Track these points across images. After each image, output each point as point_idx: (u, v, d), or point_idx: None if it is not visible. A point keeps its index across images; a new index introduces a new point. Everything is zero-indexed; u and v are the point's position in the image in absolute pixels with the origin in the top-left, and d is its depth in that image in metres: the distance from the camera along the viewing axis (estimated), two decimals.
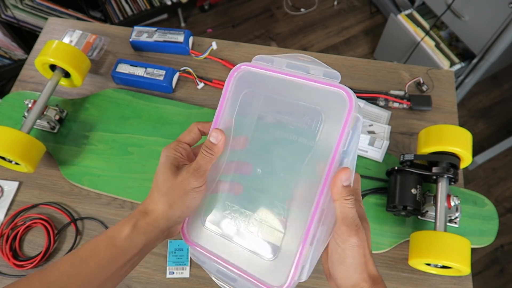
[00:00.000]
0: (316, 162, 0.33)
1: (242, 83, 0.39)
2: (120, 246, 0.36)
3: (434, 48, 1.48)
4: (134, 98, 0.79)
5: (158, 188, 0.38)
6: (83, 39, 0.85)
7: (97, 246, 0.36)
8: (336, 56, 0.86)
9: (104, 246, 0.36)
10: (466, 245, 0.58)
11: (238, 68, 0.40)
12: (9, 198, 0.71)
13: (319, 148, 0.33)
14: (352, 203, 0.32)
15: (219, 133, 0.37)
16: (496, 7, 1.24)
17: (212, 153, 0.37)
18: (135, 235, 0.37)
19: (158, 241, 0.39)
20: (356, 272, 0.33)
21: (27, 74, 0.84)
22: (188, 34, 0.84)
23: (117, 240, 0.36)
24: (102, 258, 0.36)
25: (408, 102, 0.78)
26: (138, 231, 0.37)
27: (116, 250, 0.36)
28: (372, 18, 2.02)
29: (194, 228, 0.40)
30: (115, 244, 0.36)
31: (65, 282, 0.34)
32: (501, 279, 1.42)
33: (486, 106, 1.75)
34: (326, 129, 0.33)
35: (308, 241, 0.32)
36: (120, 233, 0.37)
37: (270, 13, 2.05)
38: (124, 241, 0.36)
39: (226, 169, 0.39)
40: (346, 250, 0.33)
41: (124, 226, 0.37)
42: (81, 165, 0.73)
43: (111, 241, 0.36)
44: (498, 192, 1.56)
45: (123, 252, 0.36)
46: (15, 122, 0.76)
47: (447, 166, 0.64)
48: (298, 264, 0.33)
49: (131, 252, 0.37)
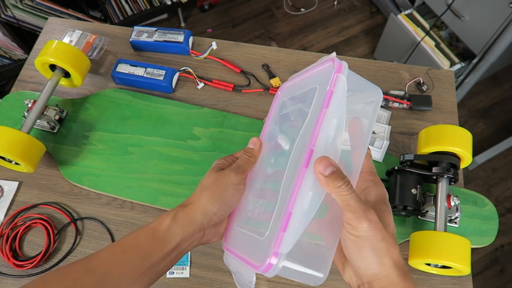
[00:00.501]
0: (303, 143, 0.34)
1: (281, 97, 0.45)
2: (159, 238, 0.38)
3: (434, 48, 1.48)
4: (134, 98, 0.79)
5: (201, 185, 0.41)
6: (83, 39, 0.85)
7: (138, 237, 0.38)
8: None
9: (144, 237, 0.38)
10: (466, 245, 0.58)
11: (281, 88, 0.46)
12: (9, 198, 0.71)
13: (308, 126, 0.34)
14: (347, 189, 0.30)
15: (256, 140, 0.43)
16: (496, 7, 1.24)
17: (250, 156, 0.42)
18: (174, 226, 0.38)
19: (194, 240, 0.39)
20: (377, 259, 0.31)
21: (27, 74, 0.84)
22: (188, 34, 0.84)
23: (157, 232, 0.38)
24: (143, 249, 0.37)
25: (408, 102, 0.78)
26: (176, 223, 0.38)
27: (156, 242, 0.37)
28: (372, 18, 2.02)
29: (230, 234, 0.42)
30: (155, 236, 0.38)
31: (107, 269, 0.36)
32: (501, 279, 1.42)
33: (486, 106, 1.75)
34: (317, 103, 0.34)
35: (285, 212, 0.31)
36: (160, 225, 0.38)
37: (270, 13, 2.05)
38: (164, 233, 0.38)
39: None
40: (360, 238, 0.31)
41: (165, 218, 0.39)
42: (81, 165, 0.73)
43: (152, 232, 0.38)
44: (498, 192, 1.56)
45: (163, 244, 0.37)
46: (15, 122, 0.76)
47: (447, 166, 0.64)
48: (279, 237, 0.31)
49: (170, 245, 0.38)
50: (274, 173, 0.39)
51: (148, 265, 0.37)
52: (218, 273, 0.66)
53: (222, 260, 0.66)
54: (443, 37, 1.54)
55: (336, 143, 0.33)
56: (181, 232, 0.38)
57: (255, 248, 0.35)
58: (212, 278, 0.65)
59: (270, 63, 0.85)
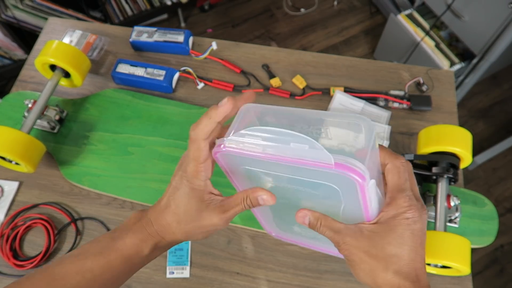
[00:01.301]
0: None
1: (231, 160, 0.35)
2: (136, 264, 0.37)
3: (434, 48, 1.48)
4: (134, 98, 0.79)
5: (180, 221, 0.36)
6: (83, 39, 0.85)
7: (109, 263, 0.36)
8: (336, 56, 0.86)
9: (118, 263, 0.36)
10: (466, 245, 0.58)
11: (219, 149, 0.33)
12: (9, 198, 0.71)
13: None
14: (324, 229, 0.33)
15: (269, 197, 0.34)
16: (496, 7, 1.24)
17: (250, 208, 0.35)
18: (154, 254, 0.38)
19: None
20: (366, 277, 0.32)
21: (27, 74, 0.84)
22: (188, 34, 0.84)
23: (134, 259, 0.37)
24: (116, 273, 0.36)
25: (408, 102, 0.78)
26: (157, 251, 0.38)
27: (132, 266, 0.37)
28: (372, 18, 2.02)
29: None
30: (132, 262, 0.37)
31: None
32: (501, 279, 1.42)
33: (486, 106, 1.75)
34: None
35: None
36: (137, 253, 0.37)
37: (270, 13, 2.05)
38: (142, 259, 0.37)
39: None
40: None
41: (143, 247, 0.37)
42: (81, 165, 0.73)
43: (128, 260, 0.36)
44: (498, 192, 1.56)
45: (139, 266, 0.38)
46: (15, 122, 0.76)
47: (447, 166, 0.64)
48: None
49: (145, 264, 0.38)
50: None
51: (122, 282, 0.38)
52: (218, 273, 0.66)
53: (222, 260, 0.67)
54: (443, 37, 1.54)
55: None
56: (160, 253, 0.39)
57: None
58: (212, 278, 0.65)
59: (270, 63, 0.85)
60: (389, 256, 0.30)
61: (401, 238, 0.30)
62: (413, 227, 0.30)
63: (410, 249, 0.30)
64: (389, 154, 0.33)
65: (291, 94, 0.81)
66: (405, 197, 0.31)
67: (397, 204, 0.31)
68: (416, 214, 0.30)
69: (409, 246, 0.30)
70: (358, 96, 0.79)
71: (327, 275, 0.65)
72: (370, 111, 0.78)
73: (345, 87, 0.81)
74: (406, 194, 0.31)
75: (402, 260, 0.30)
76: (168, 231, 0.37)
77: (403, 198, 0.31)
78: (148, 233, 0.37)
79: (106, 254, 0.36)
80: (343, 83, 0.83)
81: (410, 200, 0.31)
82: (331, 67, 0.85)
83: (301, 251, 0.67)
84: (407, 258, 0.30)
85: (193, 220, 0.36)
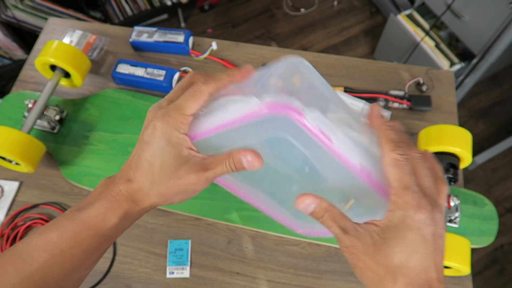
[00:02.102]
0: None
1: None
2: (106, 235, 0.33)
3: (434, 48, 1.48)
4: (134, 98, 0.79)
5: (154, 180, 0.32)
6: (83, 39, 0.85)
7: (76, 237, 0.32)
8: (336, 56, 0.86)
9: (86, 235, 0.33)
10: (466, 245, 0.58)
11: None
12: (9, 198, 0.71)
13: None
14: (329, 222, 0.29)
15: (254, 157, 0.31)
16: (496, 7, 1.24)
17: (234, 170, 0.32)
18: (124, 223, 0.34)
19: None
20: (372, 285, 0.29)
21: (27, 74, 0.84)
22: (188, 34, 0.84)
23: (102, 230, 0.33)
24: (86, 248, 0.33)
25: (408, 102, 0.78)
26: (127, 219, 0.34)
27: (101, 239, 0.33)
28: (372, 18, 2.02)
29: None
30: (100, 234, 0.33)
31: (46, 273, 0.31)
32: (501, 279, 1.42)
33: (486, 106, 1.75)
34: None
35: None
36: (106, 222, 0.33)
37: (270, 13, 2.05)
38: (111, 230, 0.33)
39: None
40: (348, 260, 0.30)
41: (112, 215, 0.33)
42: (81, 165, 0.73)
43: (95, 231, 0.33)
44: (498, 192, 1.56)
45: (109, 239, 0.34)
46: (15, 122, 0.76)
47: (447, 166, 0.64)
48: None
49: (117, 236, 0.35)
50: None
51: (95, 259, 0.34)
52: (218, 273, 0.66)
53: (222, 260, 0.67)
54: (443, 37, 1.54)
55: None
56: (131, 223, 0.35)
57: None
58: (212, 278, 0.65)
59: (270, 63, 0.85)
60: (399, 266, 0.27)
61: (412, 245, 0.27)
62: (425, 232, 0.27)
63: (423, 258, 0.27)
64: (385, 142, 0.29)
65: None
66: (411, 195, 0.27)
67: (403, 203, 0.27)
68: (426, 215, 0.27)
69: (421, 254, 0.27)
70: (358, 96, 0.79)
71: (327, 275, 0.65)
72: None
73: (345, 87, 0.81)
74: (411, 190, 0.27)
75: (413, 271, 0.27)
76: (140, 194, 0.33)
77: (409, 196, 0.27)
78: (116, 200, 0.33)
79: (71, 227, 0.33)
80: (343, 83, 0.83)
81: (418, 198, 0.27)
82: (331, 67, 0.85)
83: (301, 251, 0.67)
84: (419, 268, 0.27)
85: (170, 177, 0.32)
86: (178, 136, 0.32)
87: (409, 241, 0.27)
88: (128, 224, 0.35)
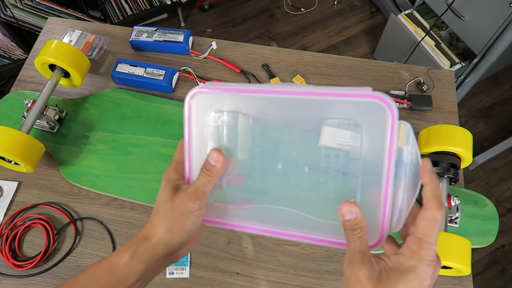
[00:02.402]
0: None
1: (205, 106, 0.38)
2: (119, 273, 0.36)
3: (434, 48, 1.48)
4: (134, 98, 0.79)
5: (158, 212, 0.37)
6: (83, 39, 0.85)
7: (96, 273, 0.36)
8: (336, 56, 0.86)
9: (103, 273, 0.36)
10: (466, 245, 0.58)
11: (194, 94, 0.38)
12: (8, 198, 0.71)
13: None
14: (354, 239, 0.31)
15: (218, 154, 0.35)
16: (496, 7, 1.23)
17: (210, 175, 0.35)
18: (135, 262, 0.36)
19: (160, 267, 0.38)
20: None
21: (27, 74, 0.84)
22: (188, 34, 0.84)
23: (116, 267, 0.36)
24: (102, 285, 0.35)
25: (408, 102, 0.78)
26: (137, 258, 0.36)
27: (116, 277, 0.36)
28: (372, 18, 2.02)
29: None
30: (114, 271, 0.36)
31: None
32: (502, 279, 1.42)
33: (486, 106, 1.75)
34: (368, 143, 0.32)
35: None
36: (119, 260, 0.36)
37: (270, 13, 2.05)
38: (123, 268, 0.36)
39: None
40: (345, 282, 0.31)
41: (124, 253, 0.36)
42: (80, 165, 0.73)
43: (110, 268, 0.36)
44: (498, 192, 1.56)
45: (123, 280, 0.36)
46: (15, 122, 0.76)
47: (448, 166, 0.64)
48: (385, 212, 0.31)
49: (131, 280, 0.36)
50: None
51: None
52: (218, 273, 0.66)
53: (222, 260, 0.66)
54: (443, 37, 1.53)
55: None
56: (143, 266, 0.36)
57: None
58: (212, 278, 0.65)
59: (270, 63, 0.85)
60: None
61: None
62: (426, 283, 0.30)
63: None
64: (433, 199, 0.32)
65: None
66: (431, 251, 0.31)
67: (421, 256, 0.31)
68: (433, 269, 0.31)
69: None
70: None
71: (327, 275, 0.65)
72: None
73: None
74: (432, 248, 0.31)
75: None
76: (150, 228, 0.37)
77: (429, 252, 0.31)
78: (132, 240, 0.37)
79: (94, 264, 0.37)
80: (343, 83, 0.82)
81: (434, 255, 0.31)
82: (331, 67, 0.85)
83: (301, 252, 0.67)
84: None
85: (170, 207, 0.36)
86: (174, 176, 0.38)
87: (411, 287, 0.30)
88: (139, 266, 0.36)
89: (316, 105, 0.32)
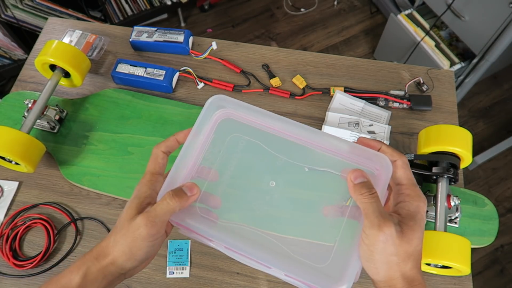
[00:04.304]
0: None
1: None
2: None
3: (434, 48, 1.48)
4: (134, 98, 0.79)
5: (116, 231, 0.34)
6: (83, 39, 0.85)
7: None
8: (336, 56, 0.86)
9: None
10: (466, 245, 0.58)
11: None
12: (9, 198, 0.71)
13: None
14: (370, 197, 0.32)
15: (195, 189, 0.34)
16: (496, 7, 1.24)
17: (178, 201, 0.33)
18: (87, 284, 0.34)
19: (113, 285, 0.36)
20: (384, 271, 0.31)
21: (27, 74, 0.84)
22: (188, 34, 0.84)
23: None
24: None
25: (408, 102, 0.78)
26: (89, 280, 0.34)
27: None
28: (372, 18, 2.02)
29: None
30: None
31: None
32: (502, 279, 1.42)
33: (486, 106, 1.75)
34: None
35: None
36: (70, 281, 0.34)
37: (270, 13, 2.05)
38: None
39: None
40: (370, 248, 0.31)
41: (75, 274, 0.34)
42: (81, 165, 0.73)
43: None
44: (498, 192, 1.56)
45: None
46: (15, 122, 0.76)
47: (447, 166, 0.64)
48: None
49: None
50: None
51: None
52: (218, 273, 0.66)
53: (222, 260, 0.66)
54: (443, 37, 1.54)
55: None
56: (96, 286, 0.34)
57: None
58: (212, 278, 0.65)
59: (270, 63, 0.85)
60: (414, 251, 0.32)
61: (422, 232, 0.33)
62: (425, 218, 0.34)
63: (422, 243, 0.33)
64: (396, 152, 0.35)
65: (291, 94, 0.81)
66: (418, 190, 0.34)
67: (416, 196, 0.33)
68: (426, 204, 0.34)
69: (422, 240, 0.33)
70: (358, 96, 0.79)
71: None
72: (370, 111, 0.78)
73: (345, 87, 0.81)
74: (417, 187, 0.34)
75: (420, 254, 0.32)
76: (107, 246, 0.34)
77: (418, 191, 0.34)
78: (84, 259, 0.35)
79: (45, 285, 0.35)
80: (343, 83, 0.83)
81: (422, 193, 0.34)
82: (331, 67, 0.85)
83: None
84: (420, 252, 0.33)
85: (126, 231, 0.33)
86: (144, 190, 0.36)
87: (422, 228, 0.33)
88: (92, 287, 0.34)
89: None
